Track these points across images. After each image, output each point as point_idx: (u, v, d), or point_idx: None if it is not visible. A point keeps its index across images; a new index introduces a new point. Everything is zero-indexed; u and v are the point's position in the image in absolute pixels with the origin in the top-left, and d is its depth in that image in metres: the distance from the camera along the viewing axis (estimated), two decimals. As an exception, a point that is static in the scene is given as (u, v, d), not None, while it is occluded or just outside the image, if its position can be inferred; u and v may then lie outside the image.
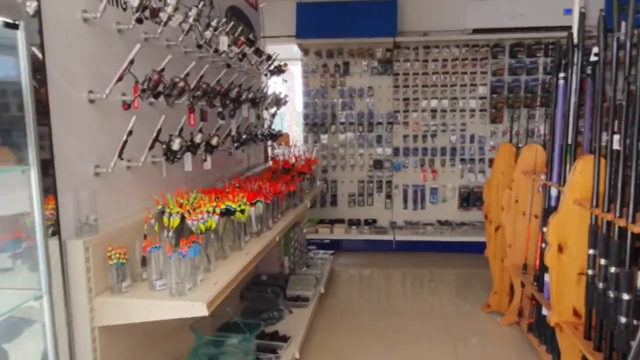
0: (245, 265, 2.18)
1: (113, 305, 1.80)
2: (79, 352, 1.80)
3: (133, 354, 2.04)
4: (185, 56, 2.57)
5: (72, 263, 1.75)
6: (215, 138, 2.52)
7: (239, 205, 2.32)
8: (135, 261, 1.94)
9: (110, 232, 1.88)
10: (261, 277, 3.83)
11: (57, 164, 1.70)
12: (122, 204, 2.08)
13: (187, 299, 1.75)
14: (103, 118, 1.93)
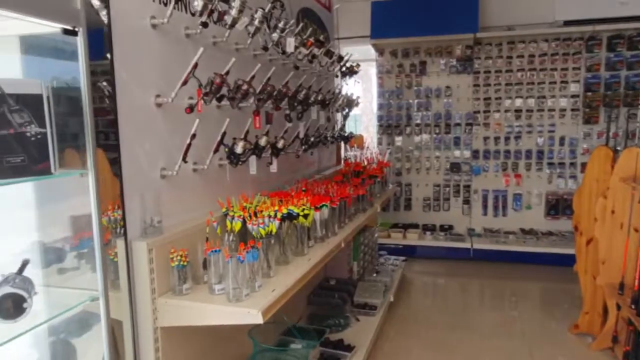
0: (306, 272, 2.12)
1: (174, 307, 1.81)
2: (143, 350, 1.84)
3: (194, 355, 2.06)
4: (255, 59, 2.58)
5: (136, 263, 1.80)
6: (282, 141, 2.49)
7: (302, 210, 2.27)
8: (198, 263, 1.96)
9: (173, 234, 1.91)
10: (329, 282, 3.76)
11: (124, 167, 1.75)
12: (187, 206, 2.11)
13: (244, 305, 1.73)
14: (169, 121, 1.97)
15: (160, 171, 1.94)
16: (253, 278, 1.85)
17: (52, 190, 1.74)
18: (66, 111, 1.31)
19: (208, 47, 2.10)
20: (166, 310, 1.82)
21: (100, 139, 1.73)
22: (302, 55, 2.78)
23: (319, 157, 3.99)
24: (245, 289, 1.79)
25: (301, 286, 2.07)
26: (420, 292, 4.52)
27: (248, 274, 1.84)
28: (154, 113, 1.90)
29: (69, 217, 1.76)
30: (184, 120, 1.98)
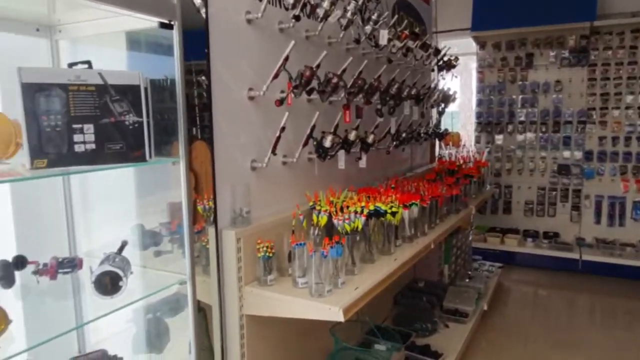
0: (391, 272, 2.04)
1: (258, 296, 1.85)
2: (230, 335, 1.90)
3: (276, 345, 2.09)
4: (347, 53, 2.54)
5: (225, 251, 1.85)
6: (372, 136, 2.43)
7: (390, 207, 2.19)
8: (283, 255, 1.97)
9: (261, 225, 1.94)
10: (418, 284, 3.63)
11: (217, 157, 1.81)
12: (274, 198, 2.13)
13: (325, 301, 1.70)
14: (260, 115, 2.01)
15: (250, 163, 1.99)
16: (336, 274, 1.82)
17: (153, 177, 1.86)
18: (163, 103, 1.37)
19: (300, 41, 2.11)
20: (251, 299, 1.86)
21: (196, 130, 1.82)
22: (395, 48, 2.69)
23: (411, 154, 3.86)
24: (328, 285, 1.76)
25: (386, 286, 2.00)
26: (518, 302, 4.19)
27: (331, 270, 1.81)
28: (246, 106, 1.95)
29: (168, 204, 1.87)
30: (275, 113, 2.00)
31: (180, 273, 1.44)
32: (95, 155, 1.16)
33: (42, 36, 1.56)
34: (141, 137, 1.22)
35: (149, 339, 1.72)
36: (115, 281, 1.24)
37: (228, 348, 1.92)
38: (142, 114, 1.22)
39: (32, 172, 1.09)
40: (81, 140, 1.14)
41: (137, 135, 1.22)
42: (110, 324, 1.79)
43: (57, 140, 1.11)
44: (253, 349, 1.94)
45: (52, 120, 1.10)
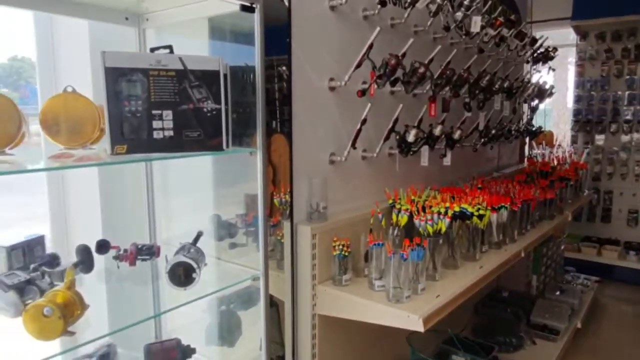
0: (476, 281, 1.86)
1: (332, 296, 1.76)
2: (301, 333, 1.84)
3: (348, 348, 2.00)
4: (434, 42, 2.38)
5: (300, 247, 1.79)
6: (458, 132, 2.25)
7: (476, 210, 2.01)
8: (359, 255, 1.87)
9: (337, 221, 1.86)
10: (502, 293, 3.36)
11: (295, 150, 1.74)
12: (352, 194, 2.04)
13: (404, 307, 1.58)
14: (341, 106, 1.91)
15: (329, 156, 1.91)
16: (416, 279, 1.69)
17: (232, 168, 1.85)
18: (244, 94, 1.32)
19: (385, 30, 1.98)
20: (325, 298, 1.78)
21: (275, 123, 1.77)
22: (488, 36, 2.47)
23: (499, 153, 3.59)
24: (407, 290, 1.63)
25: (470, 295, 1.83)
26: (617, 322, 3.75)
27: (411, 274, 1.68)
28: (327, 97, 1.87)
29: (245, 196, 1.84)
30: (356, 105, 1.90)
31: (254, 268, 1.39)
32: (173, 143, 1.13)
33: (131, 25, 1.58)
34: (219, 125, 1.18)
35: (221, 332, 1.70)
36: (188, 273, 1.21)
37: (299, 346, 1.86)
38: (220, 101, 1.17)
39: (113, 158, 1.08)
40: (160, 127, 1.12)
41: (215, 123, 1.17)
42: (185, 314, 1.80)
43: (137, 126, 1.10)
44: (324, 350, 1.86)
45: (133, 106, 1.09)
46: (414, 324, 1.53)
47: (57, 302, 0.94)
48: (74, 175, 1.73)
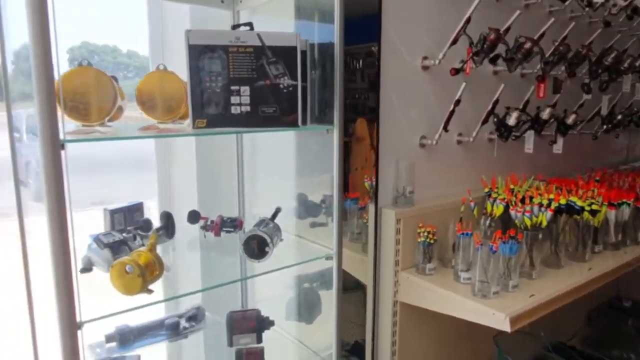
0: (582, 284, 1.66)
1: (415, 285, 1.69)
2: (382, 319, 1.81)
3: (430, 339, 1.91)
4: (549, 15, 2.13)
5: (384, 231, 1.75)
6: (573, 116, 2.01)
7: (588, 204, 1.78)
8: (447, 244, 1.77)
9: (424, 207, 1.77)
10: (623, 303, 2.97)
11: (382, 131, 1.69)
12: (444, 180, 1.93)
13: (489, 304, 1.46)
14: (435, 86, 1.81)
15: (419, 139, 1.82)
16: (508, 275, 1.55)
17: (319, 147, 1.85)
18: (321, 69, 1.31)
19: (488, 3, 1.83)
20: (407, 286, 1.72)
21: (362, 105, 1.73)
22: (617, 8, 2.15)
23: (629, 143, 3.13)
24: (495, 286, 1.51)
25: (572, 300, 1.63)
26: None
27: (502, 269, 1.55)
28: (419, 76, 1.78)
29: (331, 176, 1.84)
30: (452, 85, 1.78)
31: (327, 247, 1.39)
32: (249, 118, 1.16)
33: (226, 8, 1.65)
34: (295, 101, 1.18)
35: (301, 308, 1.73)
36: (262, 246, 1.25)
37: (379, 331, 1.83)
38: (297, 77, 1.17)
39: (194, 131, 1.14)
40: (237, 102, 1.15)
41: (291, 100, 1.18)
42: (269, 288, 1.88)
43: (216, 102, 1.14)
44: (405, 337, 1.81)
45: (213, 82, 1.13)
46: (500, 323, 1.41)
47: (138, 262, 1.03)
48: (178, 151, 1.88)
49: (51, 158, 0.84)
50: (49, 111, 0.83)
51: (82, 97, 1.07)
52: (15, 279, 1.07)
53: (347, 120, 1.43)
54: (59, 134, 0.85)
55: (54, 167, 0.85)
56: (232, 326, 1.52)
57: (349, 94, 1.59)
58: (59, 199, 0.86)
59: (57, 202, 0.86)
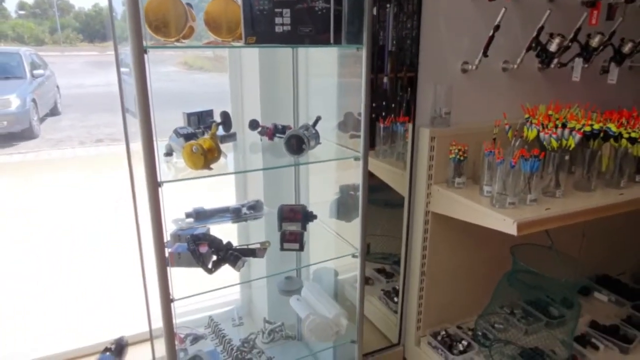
0: (608, 205, 1.75)
1: (444, 196, 1.90)
2: (415, 227, 2.05)
3: (457, 247, 2.12)
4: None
5: (420, 148, 1.95)
6: (630, 44, 1.97)
7: (627, 132, 1.81)
8: (480, 163, 1.93)
9: (459, 128, 1.93)
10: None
11: (422, 53, 1.84)
12: (485, 105, 2.04)
13: (502, 212, 1.63)
14: (481, 11, 1.89)
15: (461, 64, 1.94)
16: (527, 190, 1.70)
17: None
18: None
19: None
20: (438, 197, 1.93)
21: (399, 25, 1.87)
22: None
23: None
24: (512, 198, 1.67)
25: (593, 218, 1.73)
26: None
27: (522, 184, 1.70)
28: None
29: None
30: (499, 10, 1.85)
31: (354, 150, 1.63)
32: (289, 36, 1.40)
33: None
34: (327, 22, 1.39)
35: (341, 208, 2.02)
36: (299, 144, 1.53)
37: (412, 238, 2.08)
38: (329, 0, 1.38)
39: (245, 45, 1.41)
40: (280, 22, 1.39)
41: (324, 21, 1.39)
42: (319, 195, 2.18)
43: (263, 21, 1.39)
44: (434, 244, 2.04)
45: (261, 5, 1.38)
46: (508, 227, 1.59)
47: (201, 145, 1.37)
48: (246, 70, 2.16)
49: (137, 61, 1.16)
50: (135, 24, 1.14)
51: (163, 17, 1.38)
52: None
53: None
54: (142, 41, 1.16)
55: (140, 67, 1.17)
56: (282, 216, 1.86)
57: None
58: (144, 95, 1.19)
59: (143, 98, 1.19)
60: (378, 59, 2.18)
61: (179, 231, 1.72)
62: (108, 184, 5.57)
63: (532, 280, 1.85)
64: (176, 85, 12.44)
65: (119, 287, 3.05)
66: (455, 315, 2.23)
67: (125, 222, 1.94)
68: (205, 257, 1.53)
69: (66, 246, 4.01)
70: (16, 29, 21.54)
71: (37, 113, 8.34)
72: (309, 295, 1.97)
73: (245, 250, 1.64)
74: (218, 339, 1.84)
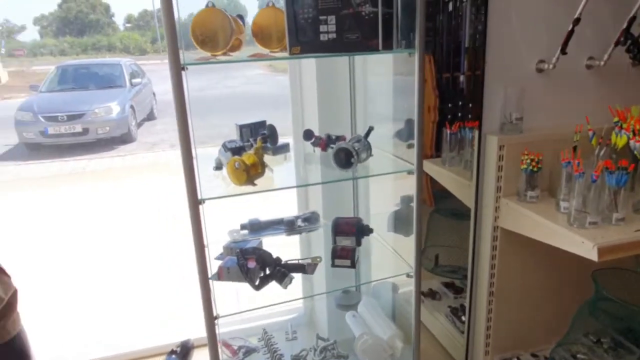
0: None
1: (513, 211, 1.71)
2: (482, 242, 1.88)
3: (527, 266, 1.90)
4: None
5: (487, 157, 1.78)
6: None
7: None
8: (558, 174, 1.71)
9: (532, 135, 1.73)
10: None
11: (490, 51, 1.66)
12: (565, 108, 1.81)
13: (581, 232, 1.43)
14: (550, 3, 1.68)
15: (536, 64, 1.74)
16: (613, 207, 1.47)
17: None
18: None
19: None
20: (507, 212, 1.75)
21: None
22: None
23: None
24: (594, 216, 1.46)
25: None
26: None
27: (607, 200, 1.48)
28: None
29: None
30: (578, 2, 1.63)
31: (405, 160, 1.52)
32: (335, 44, 1.33)
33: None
34: (375, 27, 1.30)
35: (399, 222, 1.91)
36: (348, 158, 1.45)
37: (479, 254, 1.91)
38: (377, 4, 1.28)
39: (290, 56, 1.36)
40: (325, 31, 1.32)
41: (372, 26, 1.30)
42: (377, 206, 2.09)
43: (308, 31, 1.34)
44: (504, 261, 1.86)
45: (305, 13, 1.32)
46: (588, 252, 1.38)
47: (244, 161, 1.34)
48: (306, 70, 2.12)
49: (176, 80, 1.16)
50: (172, 42, 1.14)
51: (208, 31, 1.38)
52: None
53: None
54: (179, 58, 1.16)
55: (178, 85, 1.17)
56: (336, 229, 1.79)
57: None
58: (183, 112, 1.19)
59: (182, 116, 1.19)
60: (455, 56, 2.04)
61: (231, 244, 1.72)
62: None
63: (618, 310, 1.60)
64: (260, 88, 12.88)
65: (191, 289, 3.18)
66: (529, 342, 2.01)
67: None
68: (253, 272, 1.51)
69: (150, 247, 4.28)
70: (123, 41, 23.65)
71: (135, 118, 9.07)
72: (365, 312, 1.89)
73: (295, 266, 1.60)
74: (270, 353, 1.82)
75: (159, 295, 3.29)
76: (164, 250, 4.08)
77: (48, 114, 8.14)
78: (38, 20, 34.40)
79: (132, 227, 4.78)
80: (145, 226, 4.81)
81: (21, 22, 31.45)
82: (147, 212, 5.19)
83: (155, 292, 3.35)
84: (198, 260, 1.32)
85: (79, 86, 9.20)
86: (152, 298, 3.25)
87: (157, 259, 3.94)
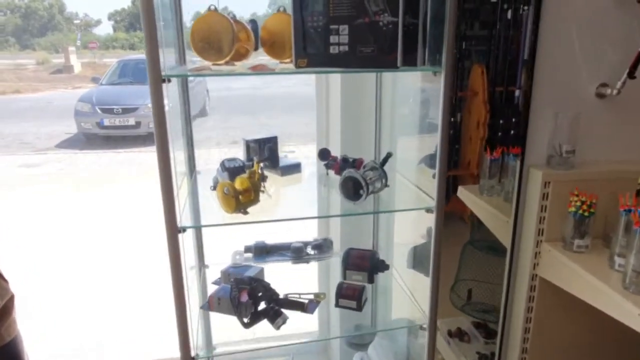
0: None
1: (556, 261, 1.45)
2: (517, 290, 1.63)
3: (572, 326, 1.61)
4: None
5: (529, 193, 1.52)
6: None
7: None
8: (614, 220, 1.43)
9: (585, 172, 1.46)
10: None
11: (538, 72, 1.42)
12: (629, 141, 1.52)
13: (638, 301, 1.15)
14: (624, 14, 1.40)
15: (596, 87, 1.47)
16: (683, 271, 1.19)
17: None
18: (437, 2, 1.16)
19: None
20: (549, 260, 1.49)
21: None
22: None
23: None
24: (657, 281, 1.18)
25: None
26: None
27: (675, 262, 1.19)
28: (601, 5, 1.40)
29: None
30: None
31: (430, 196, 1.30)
32: (347, 58, 1.14)
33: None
34: (394, 40, 1.10)
35: (421, 259, 1.68)
36: (356, 188, 1.25)
37: (513, 304, 1.66)
38: (398, 13, 1.08)
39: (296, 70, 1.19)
40: (336, 42, 1.13)
41: (390, 38, 1.10)
42: (399, 237, 1.87)
43: (316, 41, 1.15)
44: (543, 317, 1.59)
45: (314, 21, 1.14)
46: (642, 326, 1.11)
47: (234, 186, 1.18)
48: (332, 94, 1.96)
49: (154, 90, 1.02)
50: (152, 51, 1.00)
51: (208, 38, 1.23)
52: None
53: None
54: (159, 69, 1.01)
55: (157, 98, 1.03)
56: (348, 262, 1.60)
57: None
58: (161, 129, 1.05)
59: (160, 133, 1.05)
60: (511, 68, 1.81)
61: (230, 268, 1.57)
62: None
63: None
64: (308, 90, 12.84)
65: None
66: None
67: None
68: (244, 307, 1.35)
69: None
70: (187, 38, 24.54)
71: (185, 114, 9.21)
72: (375, 356, 1.68)
73: (293, 303, 1.43)
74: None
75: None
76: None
77: (105, 106, 8.44)
78: (112, 15, 36.29)
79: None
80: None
81: (97, 17, 33.18)
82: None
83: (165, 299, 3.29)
84: (175, 295, 1.17)
85: (137, 80, 9.47)
86: (160, 305, 3.19)
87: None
